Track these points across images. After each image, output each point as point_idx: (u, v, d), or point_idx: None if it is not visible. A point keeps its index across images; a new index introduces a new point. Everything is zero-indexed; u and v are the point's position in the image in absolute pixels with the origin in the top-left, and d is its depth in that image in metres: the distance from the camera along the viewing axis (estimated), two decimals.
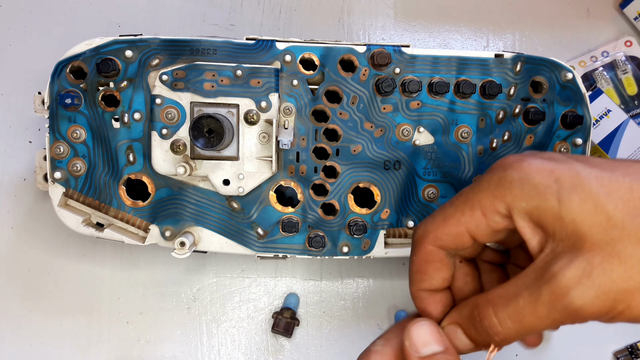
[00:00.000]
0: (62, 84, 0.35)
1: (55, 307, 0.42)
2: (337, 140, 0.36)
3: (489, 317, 0.23)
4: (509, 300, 0.23)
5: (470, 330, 0.25)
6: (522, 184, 0.23)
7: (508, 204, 0.23)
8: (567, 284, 0.21)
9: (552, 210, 0.22)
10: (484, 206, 0.24)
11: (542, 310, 0.22)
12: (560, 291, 0.21)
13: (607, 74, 0.46)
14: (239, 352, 0.42)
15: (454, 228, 0.25)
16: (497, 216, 0.24)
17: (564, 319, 0.22)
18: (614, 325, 0.45)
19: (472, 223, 0.25)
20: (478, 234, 0.25)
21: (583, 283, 0.21)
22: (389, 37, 0.46)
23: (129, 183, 0.36)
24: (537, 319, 0.22)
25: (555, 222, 0.22)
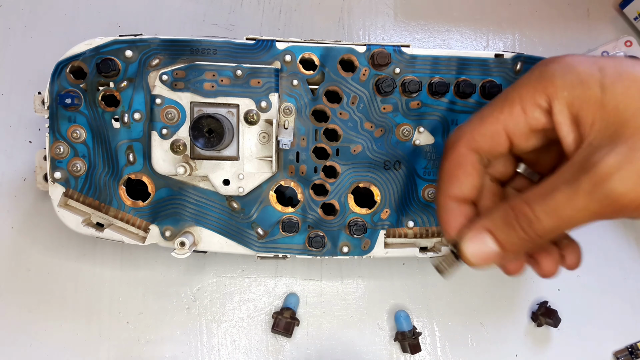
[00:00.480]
0: (62, 84, 0.35)
1: (55, 307, 0.42)
2: (337, 140, 0.36)
3: (526, 213, 0.23)
4: (546, 195, 0.22)
5: (502, 233, 0.24)
6: (564, 73, 0.22)
7: (549, 95, 0.23)
8: (609, 170, 0.20)
9: (595, 98, 0.21)
10: (524, 100, 0.23)
11: (581, 201, 0.21)
12: (601, 178, 0.20)
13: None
14: (239, 352, 0.42)
15: (491, 127, 0.24)
16: (536, 111, 0.23)
17: (603, 210, 0.21)
18: (614, 325, 0.45)
19: (511, 120, 0.24)
20: (516, 133, 0.24)
21: (625, 167, 0.20)
22: (389, 37, 0.46)
23: (129, 183, 0.36)
24: (575, 211, 0.21)
25: (596, 111, 0.21)
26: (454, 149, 0.26)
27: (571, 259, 0.27)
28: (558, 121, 0.23)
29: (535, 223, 0.22)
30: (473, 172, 0.26)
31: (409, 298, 0.43)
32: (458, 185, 0.26)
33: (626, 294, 0.44)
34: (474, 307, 0.43)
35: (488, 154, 0.26)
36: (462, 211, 0.26)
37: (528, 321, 0.43)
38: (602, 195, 0.20)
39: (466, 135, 0.25)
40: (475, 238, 0.25)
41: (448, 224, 0.27)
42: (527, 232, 0.23)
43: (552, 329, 0.43)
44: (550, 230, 0.22)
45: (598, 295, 0.43)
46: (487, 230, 0.24)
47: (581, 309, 0.43)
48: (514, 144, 0.25)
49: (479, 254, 0.25)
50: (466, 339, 0.43)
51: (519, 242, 0.23)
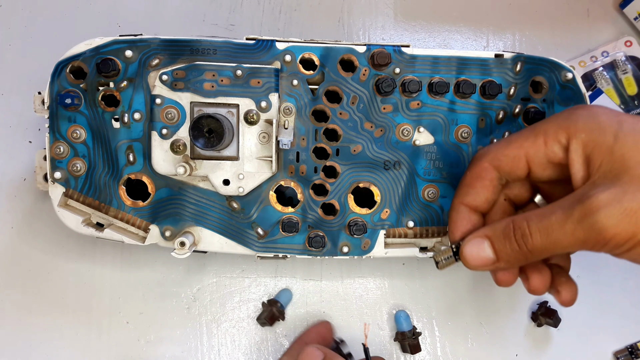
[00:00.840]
0: (62, 84, 0.35)
1: (55, 307, 0.42)
2: (337, 140, 0.36)
3: (523, 228, 0.25)
4: (543, 217, 0.25)
5: (499, 242, 0.27)
6: (587, 119, 0.26)
7: (570, 134, 0.26)
8: (598, 204, 0.23)
9: (607, 145, 0.24)
10: (547, 134, 0.27)
11: (569, 227, 0.24)
12: (590, 209, 0.23)
13: (607, 74, 0.46)
14: (239, 352, 0.42)
15: (514, 150, 0.28)
16: (556, 145, 0.26)
17: (587, 239, 0.23)
18: (614, 326, 0.45)
19: (533, 149, 0.27)
20: (534, 161, 0.27)
21: (612, 205, 0.23)
22: (389, 37, 0.46)
23: (129, 183, 0.36)
24: (563, 234, 0.24)
25: (605, 155, 0.24)
26: (478, 162, 0.29)
27: (566, 295, 0.30)
28: (572, 158, 0.26)
29: (528, 238, 0.25)
30: (490, 186, 0.29)
31: (409, 298, 0.43)
32: (474, 194, 0.29)
33: (626, 294, 0.44)
34: (474, 307, 0.43)
35: (507, 175, 0.29)
36: (470, 218, 0.30)
37: (528, 321, 0.43)
38: (588, 225, 0.23)
39: (491, 154, 0.29)
40: (475, 242, 0.28)
41: (455, 225, 0.30)
42: (520, 245, 0.26)
43: (552, 329, 0.43)
44: (540, 247, 0.25)
45: (598, 295, 0.43)
46: (487, 237, 0.27)
47: (581, 309, 0.43)
48: (531, 171, 0.28)
49: (476, 257, 0.28)
50: (466, 339, 0.43)
51: (512, 254, 0.26)
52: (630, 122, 0.25)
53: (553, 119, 0.27)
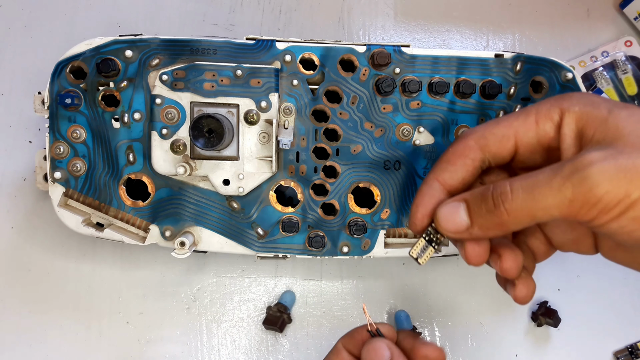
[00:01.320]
0: (62, 84, 0.35)
1: (55, 307, 0.42)
2: (337, 140, 0.36)
3: (503, 186, 0.23)
4: (529, 176, 0.23)
5: (476, 205, 0.25)
6: (581, 96, 0.25)
7: (563, 109, 0.25)
8: (591, 158, 0.21)
9: (601, 117, 0.23)
10: (539, 112, 0.25)
11: (556, 182, 0.22)
12: (582, 164, 0.21)
13: (607, 74, 0.46)
14: (239, 352, 0.42)
15: (503, 129, 0.26)
16: (548, 123, 0.25)
17: (575, 198, 0.21)
18: (614, 325, 0.45)
19: (523, 127, 0.26)
20: (523, 142, 0.26)
21: (607, 160, 0.21)
22: (389, 37, 0.46)
23: (129, 183, 0.36)
24: (548, 190, 0.22)
25: (598, 126, 0.23)
26: (463, 139, 0.27)
27: (522, 290, 0.28)
28: (564, 133, 0.25)
29: (507, 196, 0.23)
30: (470, 166, 0.27)
31: (409, 298, 0.43)
32: (452, 171, 0.27)
33: (626, 294, 0.44)
34: (474, 307, 0.43)
35: (492, 156, 0.27)
36: (439, 197, 0.27)
37: (528, 321, 0.43)
38: (578, 180, 0.21)
39: (478, 132, 0.27)
40: (451, 205, 0.26)
41: (422, 199, 0.27)
42: (496, 204, 0.23)
43: (552, 329, 0.43)
44: (519, 207, 0.23)
45: (598, 295, 0.43)
46: (465, 200, 0.25)
47: (581, 309, 0.43)
48: (517, 154, 0.26)
49: (449, 220, 0.25)
50: (466, 339, 0.43)
51: (488, 216, 0.24)
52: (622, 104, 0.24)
53: (546, 100, 0.26)
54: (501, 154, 0.26)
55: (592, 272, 0.44)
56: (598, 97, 0.25)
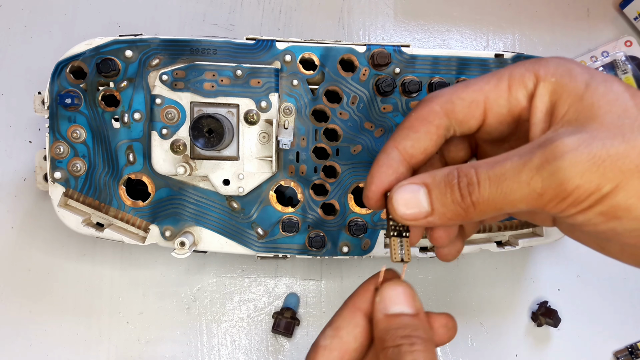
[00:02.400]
0: (62, 84, 0.35)
1: (55, 307, 0.42)
2: (337, 140, 0.36)
3: (470, 175, 0.21)
4: (496, 163, 0.21)
5: (438, 191, 0.22)
6: (558, 65, 0.23)
7: (538, 77, 0.23)
8: (563, 148, 0.20)
9: (576, 91, 0.22)
10: (513, 76, 0.23)
11: (526, 175, 0.20)
12: (553, 155, 0.20)
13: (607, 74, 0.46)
14: (239, 352, 0.42)
15: (473, 93, 0.24)
16: (521, 92, 0.23)
17: (545, 190, 0.20)
18: (614, 325, 0.45)
19: (494, 93, 0.23)
20: (493, 109, 0.23)
21: (580, 150, 0.19)
22: (389, 37, 0.46)
23: (129, 183, 0.36)
24: (517, 183, 0.20)
25: (573, 101, 0.21)
26: (427, 104, 0.24)
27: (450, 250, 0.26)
28: (535, 105, 0.23)
29: (475, 187, 0.21)
30: (434, 134, 0.24)
31: None
32: (414, 139, 0.24)
33: (626, 294, 0.44)
34: (474, 307, 0.43)
35: (458, 124, 0.24)
36: (398, 169, 0.24)
37: (528, 321, 0.43)
38: (549, 173, 0.20)
39: (445, 95, 0.24)
40: (409, 187, 0.23)
41: (379, 171, 0.24)
42: (463, 196, 0.22)
43: (552, 329, 0.43)
44: (486, 200, 0.21)
45: (598, 295, 0.43)
46: (425, 184, 0.23)
47: (581, 309, 0.43)
48: (485, 123, 0.24)
49: (407, 205, 0.23)
50: (466, 339, 0.43)
51: (451, 206, 0.22)
52: (602, 75, 0.22)
53: (520, 63, 0.23)
54: (468, 122, 0.24)
55: (592, 272, 0.44)
56: (576, 65, 0.23)
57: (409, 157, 0.24)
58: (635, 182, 0.19)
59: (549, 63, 0.23)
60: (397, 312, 0.24)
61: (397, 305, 0.24)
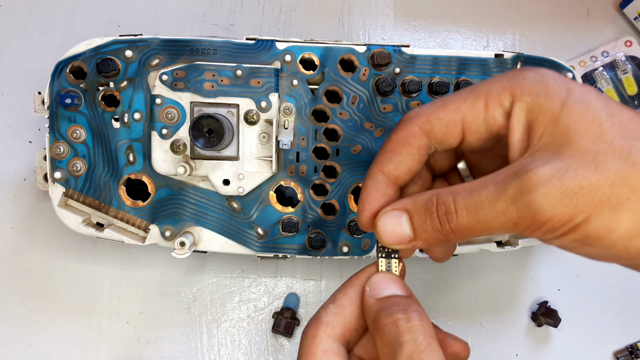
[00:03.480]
0: (62, 84, 0.35)
1: (55, 307, 0.42)
2: (337, 140, 0.36)
3: (447, 203, 0.22)
4: (473, 191, 0.22)
5: (419, 218, 0.23)
6: (535, 81, 0.23)
7: (514, 96, 0.23)
8: (537, 180, 0.20)
9: (552, 112, 0.22)
10: (489, 95, 0.23)
11: (501, 205, 0.21)
12: (527, 187, 0.20)
13: (607, 74, 0.46)
14: (239, 352, 0.42)
15: (450, 114, 0.24)
16: (498, 110, 0.23)
17: (520, 221, 0.21)
18: (614, 325, 0.45)
19: (471, 113, 0.24)
20: (471, 128, 0.24)
21: (552, 183, 0.20)
22: (389, 37, 0.46)
23: (129, 183, 0.36)
24: (493, 213, 0.21)
25: (549, 123, 0.22)
26: (406, 125, 0.25)
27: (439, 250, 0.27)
28: (512, 125, 0.23)
29: (453, 216, 0.22)
30: (416, 154, 0.25)
31: None
32: (397, 162, 0.25)
33: (626, 294, 0.44)
34: (474, 307, 0.43)
35: (438, 142, 0.25)
36: (386, 192, 0.26)
37: (528, 321, 0.43)
38: (523, 205, 0.20)
39: (423, 116, 0.25)
40: (392, 214, 0.24)
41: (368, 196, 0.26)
42: (442, 223, 0.23)
43: (552, 329, 0.43)
44: (464, 227, 0.22)
45: (598, 295, 0.43)
46: (406, 210, 0.24)
47: (581, 309, 0.43)
48: (465, 139, 0.25)
49: (391, 233, 0.24)
50: (466, 339, 0.43)
51: (432, 232, 0.23)
52: (579, 90, 0.22)
53: (497, 79, 0.24)
54: (448, 141, 0.25)
55: (592, 272, 0.44)
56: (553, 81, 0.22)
57: (394, 178, 0.25)
58: (606, 213, 0.20)
59: (525, 80, 0.23)
60: (389, 294, 0.24)
61: (388, 289, 0.24)
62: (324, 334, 0.24)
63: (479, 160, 0.28)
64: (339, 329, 0.24)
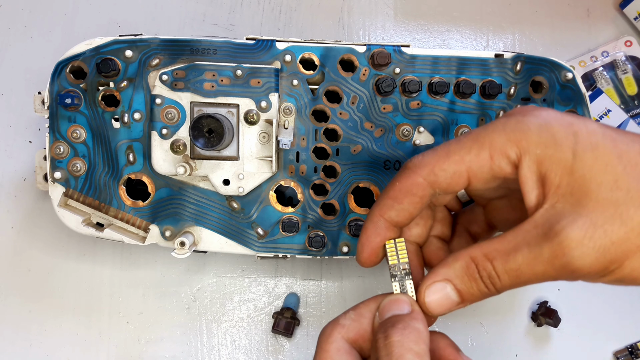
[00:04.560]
0: (62, 84, 0.35)
1: (55, 307, 0.41)
2: (337, 140, 0.36)
3: (488, 270, 0.23)
4: (508, 255, 0.23)
5: (464, 285, 0.24)
6: (540, 131, 0.23)
7: (521, 149, 0.23)
8: (570, 243, 0.21)
9: (565, 163, 0.22)
10: (494, 147, 0.23)
11: (541, 268, 0.22)
12: (562, 251, 0.21)
13: (607, 74, 0.46)
14: (239, 352, 0.42)
15: (454, 165, 0.24)
16: (504, 161, 0.23)
17: (558, 276, 0.22)
18: (614, 325, 0.45)
19: (476, 163, 0.24)
20: (477, 176, 0.24)
21: (585, 244, 0.21)
22: (389, 37, 0.46)
23: (129, 183, 0.36)
24: (533, 275, 0.22)
25: (564, 175, 0.22)
26: (411, 175, 0.25)
27: None
28: (524, 175, 0.23)
29: (496, 280, 0.23)
30: (418, 203, 0.25)
31: None
32: (399, 209, 0.26)
33: (626, 294, 0.44)
34: (474, 307, 0.43)
35: (443, 191, 0.25)
36: (385, 235, 0.26)
37: (528, 321, 0.43)
38: (560, 266, 0.22)
39: (428, 167, 0.25)
40: (436, 287, 0.25)
41: (368, 240, 0.26)
42: (488, 287, 0.24)
43: (552, 329, 0.43)
44: (509, 287, 0.23)
45: (598, 295, 0.43)
46: (449, 280, 0.24)
47: (581, 309, 0.43)
48: (471, 185, 0.25)
49: (441, 303, 0.25)
50: (466, 339, 0.43)
51: (480, 295, 0.24)
52: (585, 132, 0.22)
53: (500, 128, 0.23)
54: (453, 189, 0.25)
55: None
56: (558, 127, 0.22)
57: (394, 223, 0.26)
58: (636, 259, 0.21)
59: (531, 130, 0.23)
60: (389, 316, 0.25)
61: (390, 312, 0.25)
62: (338, 334, 0.25)
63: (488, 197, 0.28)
64: (353, 333, 0.25)
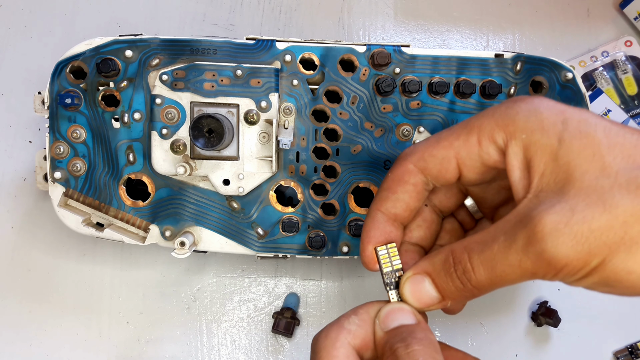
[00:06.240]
0: (62, 83, 0.35)
1: (55, 307, 0.41)
2: (337, 140, 0.36)
3: (464, 262, 0.22)
4: (485, 245, 0.21)
5: (441, 279, 0.23)
6: (528, 116, 0.22)
7: (508, 133, 0.22)
8: (543, 228, 0.19)
9: (550, 149, 0.21)
10: (482, 131, 0.23)
11: (514, 257, 0.20)
12: (535, 236, 0.20)
13: (607, 73, 0.46)
14: (239, 352, 0.42)
15: (443, 150, 0.24)
16: (491, 147, 0.23)
17: (537, 269, 0.20)
18: (614, 325, 0.45)
19: (464, 149, 0.23)
20: (466, 163, 0.24)
21: (560, 229, 0.19)
22: (389, 37, 0.46)
23: (129, 183, 0.36)
24: (508, 267, 0.21)
25: (548, 161, 0.21)
26: (401, 163, 0.25)
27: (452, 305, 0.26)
28: (510, 163, 0.22)
29: (471, 274, 0.22)
30: (413, 192, 0.25)
31: None
32: (393, 200, 0.25)
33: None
34: (474, 307, 0.43)
35: (434, 179, 0.25)
36: (385, 230, 0.26)
37: (528, 321, 0.43)
38: (535, 255, 0.20)
39: (417, 153, 0.25)
40: (414, 279, 0.24)
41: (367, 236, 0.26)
42: (463, 282, 0.22)
43: (552, 329, 0.43)
44: (486, 283, 0.22)
45: (598, 295, 0.43)
46: (427, 273, 0.24)
47: (581, 309, 0.43)
48: (462, 175, 0.24)
49: (420, 298, 0.24)
50: (466, 339, 0.43)
51: (457, 292, 0.23)
52: (576, 120, 0.21)
53: (489, 114, 0.23)
54: (444, 177, 0.25)
55: None
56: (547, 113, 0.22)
57: (393, 216, 0.26)
58: (621, 255, 0.19)
59: (518, 115, 0.22)
60: (396, 325, 0.24)
61: (395, 321, 0.24)
62: (345, 339, 0.24)
63: (484, 195, 0.27)
64: (359, 340, 0.24)
